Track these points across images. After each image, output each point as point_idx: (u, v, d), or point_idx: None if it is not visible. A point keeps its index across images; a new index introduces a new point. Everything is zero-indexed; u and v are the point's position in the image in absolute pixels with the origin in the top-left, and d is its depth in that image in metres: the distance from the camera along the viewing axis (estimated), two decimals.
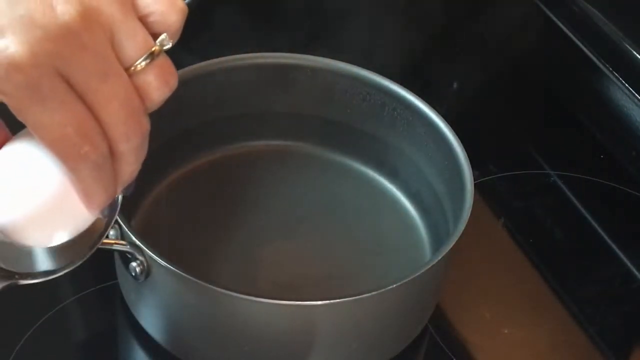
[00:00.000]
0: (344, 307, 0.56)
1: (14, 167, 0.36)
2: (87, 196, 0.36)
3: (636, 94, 0.85)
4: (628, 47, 0.86)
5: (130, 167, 0.38)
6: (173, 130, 0.67)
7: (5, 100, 0.34)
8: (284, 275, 0.64)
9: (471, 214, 0.59)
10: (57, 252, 0.36)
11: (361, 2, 0.93)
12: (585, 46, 0.90)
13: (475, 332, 0.66)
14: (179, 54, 0.87)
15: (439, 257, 0.57)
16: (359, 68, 0.69)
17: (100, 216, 0.37)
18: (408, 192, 0.71)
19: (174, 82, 0.39)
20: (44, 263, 0.36)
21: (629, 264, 0.72)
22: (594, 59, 0.89)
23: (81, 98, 0.35)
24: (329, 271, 0.65)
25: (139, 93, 0.37)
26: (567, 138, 0.84)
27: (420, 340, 0.64)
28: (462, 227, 0.58)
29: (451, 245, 0.57)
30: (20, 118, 0.35)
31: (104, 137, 0.35)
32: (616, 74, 0.87)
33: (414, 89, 0.68)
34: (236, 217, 0.67)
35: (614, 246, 0.73)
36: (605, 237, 0.74)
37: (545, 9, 0.95)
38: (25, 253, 0.37)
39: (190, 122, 0.69)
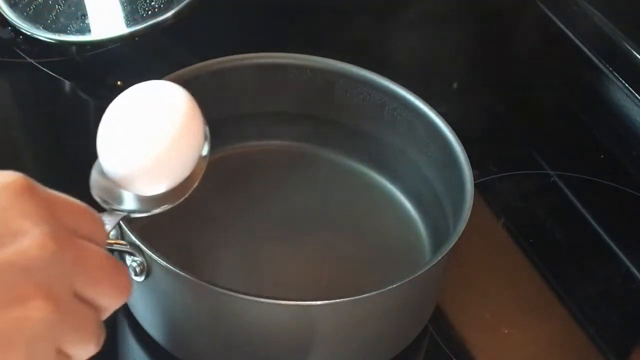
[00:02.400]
0: (344, 307, 0.56)
1: (129, 129, 0.42)
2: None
3: (636, 94, 0.85)
4: (628, 47, 0.86)
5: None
6: None
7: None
8: (284, 275, 0.64)
9: (471, 214, 0.59)
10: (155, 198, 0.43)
11: (361, 2, 0.93)
12: (585, 46, 0.90)
13: (475, 332, 0.66)
14: (179, 54, 0.87)
15: (439, 257, 0.57)
16: (359, 68, 0.69)
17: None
18: (408, 192, 0.71)
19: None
20: (143, 205, 0.43)
21: (629, 264, 0.72)
22: (594, 59, 0.89)
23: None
24: (329, 271, 0.65)
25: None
26: (567, 138, 0.84)
27: (420, 340, 0.64)
28: (462, 227, 0.58)
29: (451, 245, 0.57)
30: None
31: None
32: (616, 74, 0.87)
33: (414, 89, 0.68)
34: (236, 217, 0.67)
35: (614, 246, 0.73)
36: (605, 237, 0.74)
37: (545, 9, 0.95)
38: (129, 196, 0.44)
39: None
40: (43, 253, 0.35)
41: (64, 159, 0.74)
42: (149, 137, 0.42)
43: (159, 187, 0.43)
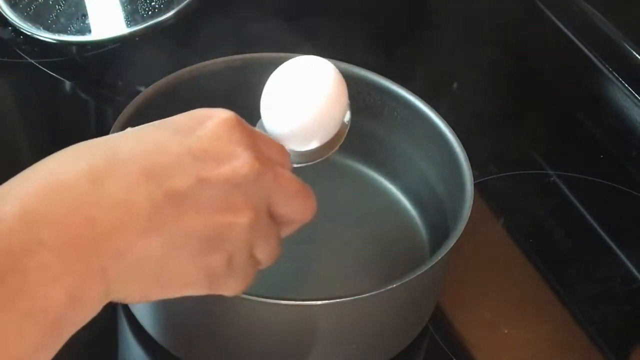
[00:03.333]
0: (344, 307, 0.56)
1: (289, 95, 0.50)
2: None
3: (636, 94, 0.85)
4: (628, 47, 0.86)
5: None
6: None
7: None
8: (284, 275, 0.64)
9: (471, 214, 0.59)
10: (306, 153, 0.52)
11: (361, 2, 0.93)
12: (585, 46, 0.90)
13: (475, 332, 0.66)
14: (179, 54, 0.87)
15: (439, 257, 0.57)
16: (359, 68, 0.69)
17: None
18: (408, 192, 0.71)
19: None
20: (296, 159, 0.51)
21: (628, 264, 0.72)
22: (594, 59, 0.89)
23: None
24: (329, 271, 0.65)
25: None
26: (567, 138, 0.84)
27: (420, 340, 0.64)
28: (462, 227, 0.58)
29: (451, 245, 0.57)
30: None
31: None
32: (616, 74, 0.87)
33: (414, 89, 0.68)
34: None
35: (614, 246, 0.73)
36: (605, 237, 0.74)
37: (545, 9, 0.95)
38: None
39: None
40: (250, 172, 0.42)
41: None
42: (306, 101, 0.50)
43: (311, 144, 0.51)
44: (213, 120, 0.43)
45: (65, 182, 0.37)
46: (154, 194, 0.39)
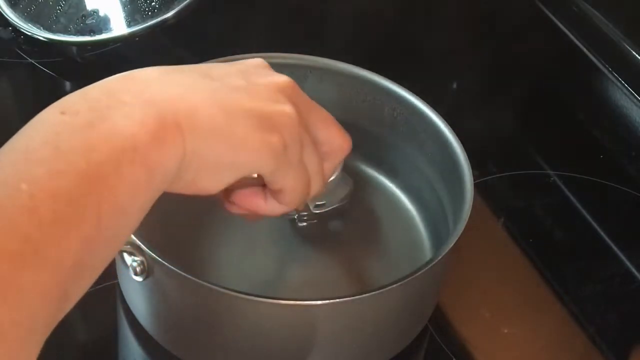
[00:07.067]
0: (344, 307, 0.56)
1: None
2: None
3: (636, 94, 0.85)
4: (628, 47, 0.86)
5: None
6: None
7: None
8: (284, 275, 0.64)
9: (471, 214, 0.59)
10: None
11: (361, 2, 0.93)
12: (585, 46, 0.90)
13: (475, 332, 0.66)
14: (180, 54, 0.87)
15: (439, 257, 0.57)
16: (359, 68, 0.69)
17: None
18: (408, 192, 0.71)
19: None
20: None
21: (628, 264, 0.72)
22: (594, 59, 0.89)
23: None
24: (329, 271, 0.65)
25: None
26: (567, 138, 0.84)
27: (420, 340, 0.64)
28: (462, 227, 0.58)
29: (451, 245, 0.57)
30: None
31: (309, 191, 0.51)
32: (616, 74, 0.87)
33: (414, 89, 0.68)
34: (237, 217, 0.67)
35: (613, 246, 0.73)
36: (605, 237, 0.74)
37: (545, 9, 0.95)
38: None
39: None
40: (292, 84, 0.49)
41: None
42: None
43: None
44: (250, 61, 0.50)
45: (137, 74, 0.45)
46: (213, 84, 0.45)
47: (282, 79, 0.49)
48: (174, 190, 0.44)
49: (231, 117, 0.44)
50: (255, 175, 0.49)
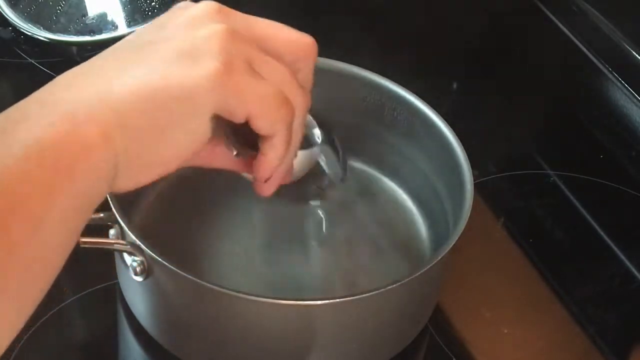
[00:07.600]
0: (344, 307, 0.56)
1: None
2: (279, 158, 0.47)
3: (636, 94, 0.85)
4: (628, 47, 0.86)
5: (297, 139, 0.48)
6: None
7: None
8: (284, 275, 0.64)
9: (471, 214, 0.59)
10: None
11: (362, 3, 0.93)
12: (585, 47, 0.90)
13: (475, 332, 0.66)
14: None
15: (439, 257, 0.57)
16: (359, 68, 0.69)
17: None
18: (408, 191, 0.71)
19: None
20: None
21: (628, 264, 0.72)
22: (594, 59, 0.89)
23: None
24: (329, 271, 0.65)
25: None
26: (567, 138, 0.84)
27: (420, 340, 0.64)
28: (462, 227, 0.58)
29: (451, 245, 0.57)
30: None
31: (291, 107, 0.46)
32: (616, 74, 0.87)
33: (414, 89, 0.68)
34: (236, 217, 0.67)
35: (613, 246, 0.73)
36: (605, 237, 0.74)
37: (545, 9, 0.95)
38: None
39: None
40: (216, 8, 0.45)
41: None
42: None
43: None
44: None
45: (59, 78, 0.44)
46: (135, 71, 0.44)
47: (200, 7, 0.45)
48: (121, 190, 0.42)
49: (156, 104, 0.41)
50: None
